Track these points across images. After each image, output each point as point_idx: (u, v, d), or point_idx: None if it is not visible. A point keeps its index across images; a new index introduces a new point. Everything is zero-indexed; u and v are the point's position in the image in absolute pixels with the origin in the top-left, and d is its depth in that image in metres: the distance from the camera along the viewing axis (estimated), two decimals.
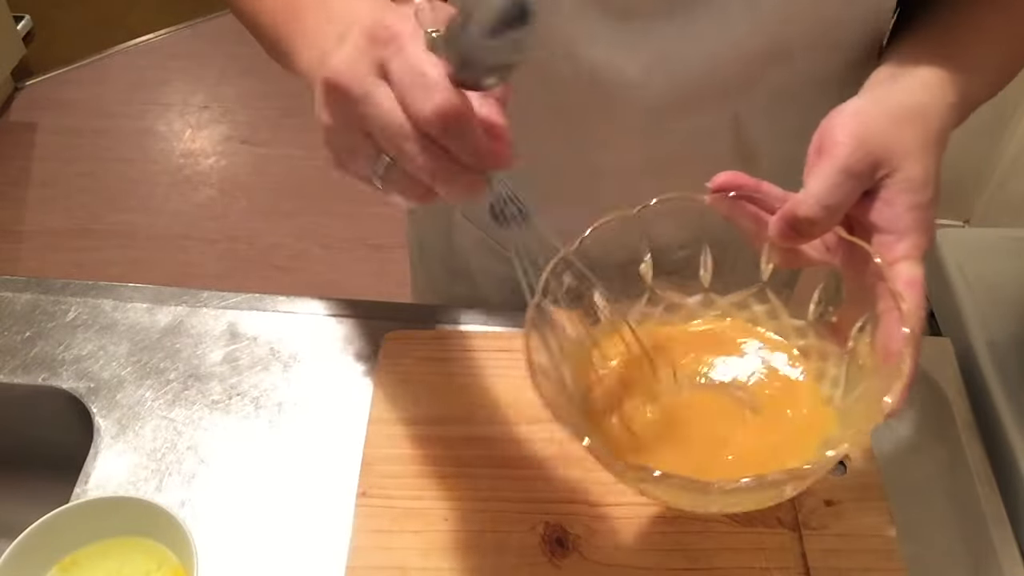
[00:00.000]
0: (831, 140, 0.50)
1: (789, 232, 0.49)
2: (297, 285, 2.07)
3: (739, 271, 0.56)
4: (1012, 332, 0.78)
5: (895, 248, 0.49)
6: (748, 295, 0.57)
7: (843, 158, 0.48)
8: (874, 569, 0.60)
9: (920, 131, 0.51)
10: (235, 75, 2.65)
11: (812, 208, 0.48)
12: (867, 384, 0.50)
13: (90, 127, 2.47)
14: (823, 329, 0.54)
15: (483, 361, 0.71)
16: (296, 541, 0.62)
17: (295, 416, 0.69)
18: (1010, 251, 0.87)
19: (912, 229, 0.49)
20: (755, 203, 0.52)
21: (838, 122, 0.51)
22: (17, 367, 0.72)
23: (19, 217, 2.23)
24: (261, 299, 0.77)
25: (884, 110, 0.51)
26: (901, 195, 0.49)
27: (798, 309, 0.55)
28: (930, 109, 0.53)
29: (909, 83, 0.55)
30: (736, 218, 0.53)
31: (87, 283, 0.78)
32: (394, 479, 0.63)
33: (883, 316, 0.48)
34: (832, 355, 0.53)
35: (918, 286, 0.48)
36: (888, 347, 0.47)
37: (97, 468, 0.65)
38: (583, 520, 0.62)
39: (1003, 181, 1.95)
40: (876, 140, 0.49)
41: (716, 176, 0.52)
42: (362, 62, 0.40)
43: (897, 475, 0.66)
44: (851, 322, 0.51)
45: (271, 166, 2.38)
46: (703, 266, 0.57)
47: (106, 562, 0.59)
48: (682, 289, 0.58)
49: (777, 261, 0.54)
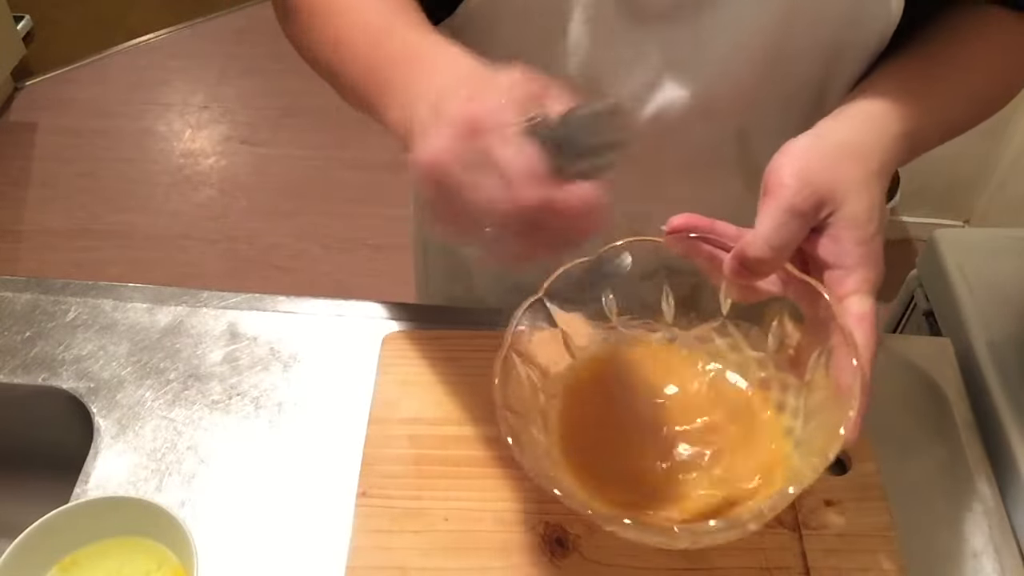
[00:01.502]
0: (776, 180, 0.51)
1: (741, 271, 0.51)
2: (297, 285, 2.07)
3: (701, 307, 0.59)
4: (1012, 332, 0.78)
5: (844, 283, 0.51)
6: (710, 329, 0.59)
7: (788, 198, 0.50)
8: (874, 569, 0.60)
9: (862, 167, 0.52)
10: (235, 75, 2.65)
11: (761, 248, 0.50)
12: (824, 415, 0.52)
13: (90, 127, 2.47)
14: (782, 360, 0.56)
15: (483, 361, 0.71)
16: (296, 541, 0.62)
17: (295, 416, 0.69)
18: (1010, 251, 0.87)
19: (860, 264, 0.51)
20: (710, 243, 0.54)
21: (784, 162, 0.52)
22: (17, 367, 0.72)
23: (19, 217, 2.23)
24: (261, 299, 0.77)
25: (827, 148, 0.53)
26: (846, 231, 0.51)
27: (758, 341, 0.58)
28: (871, 145, 0.54)
29: (855, 117, 0.56)
30: (693, 257, 0.55)
31: (87, 283, 0.78)
32: (394, 479, 0.63)
33: (835, 349, 0.50)
34: (792, 387, 0.56)
35: (868, 320, 0.49)
36: (840, 380, 0.49)
37: (97, 468, 0.65)
38: (583, 520, 0.61)
39: (1003, 181, 1.95)
40: (819, 179, 0.51)
41: (672, 219, 0.54)
42: (462, 151, 0.41)
43: (897, 475, 0.66)
44: (808, 354, 0.53)
45: (271, 166, 2.38)
46: (664, 300, 0.59)
47: (106, 562, 0.59)
48: (646, 326, 0.61)
49: (735, 296, 0.56)
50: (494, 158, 0.41)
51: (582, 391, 0.59)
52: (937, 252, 0.90)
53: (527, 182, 0.40)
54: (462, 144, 0.41)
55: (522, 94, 0.43)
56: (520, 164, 0.40)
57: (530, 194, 0.40)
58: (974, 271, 0.86)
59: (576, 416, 0.58)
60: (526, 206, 0.40)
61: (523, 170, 0.40)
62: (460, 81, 0.45)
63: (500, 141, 0.41)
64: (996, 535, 0.63)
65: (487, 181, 0.41)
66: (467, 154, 0.41)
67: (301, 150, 2.41)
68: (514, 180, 0.40)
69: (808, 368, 0.54)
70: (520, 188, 0.40)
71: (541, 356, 0.57)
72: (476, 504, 0.62)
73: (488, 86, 0.43)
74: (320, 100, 2.58)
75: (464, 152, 0.41)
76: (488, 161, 0.41)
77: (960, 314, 0.82)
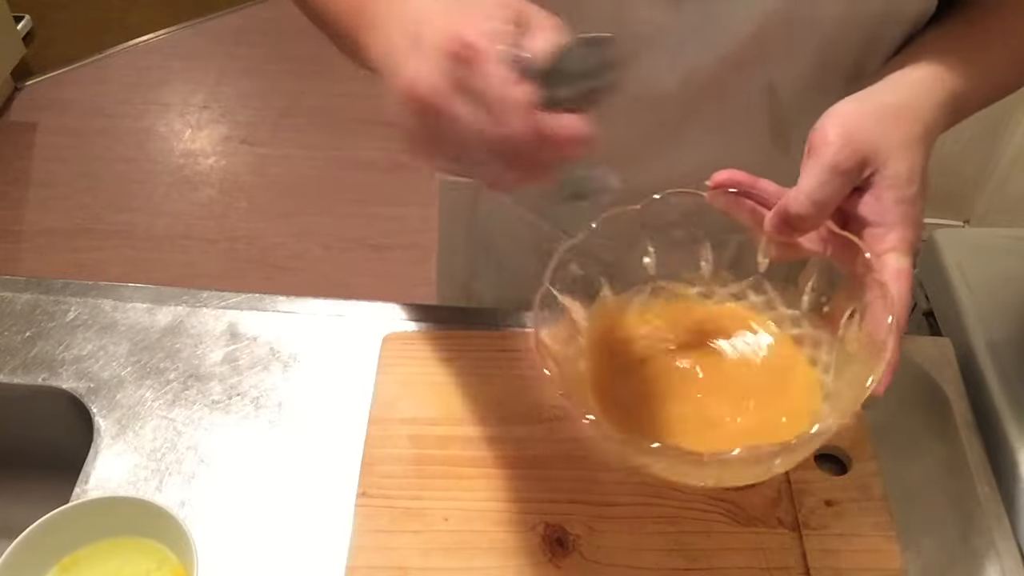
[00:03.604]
0: (821, 139, 0.52)
1: (783, 227, 0.52)
2: (297, 285, 2.07)
3: (738, 264, 0.59)
4: (1012, 332, 0.78)
5: (883, 240, 0.51)
6: (746, 286, 0.60)
7: (831, 156, 0.51)
8: (874, 569, 0.60)
9: (905, 129, 0.53)
10: (235, 75, 2.65)
11: (803, 204, 0.51)
12: (855, 369, 0.52)
13: (90, 127, 2.47)
14: (816, 318, 0.57)
15: (483, 361, 0.71)
16: (296, 541, 0.62)
17: (295, 416, 0.69)
18: (1010, 251, 0.87)
19: (899, 223, 0.52)
20: (752, 199, 0.54)
21: (828, 122, 0.53)
22: (17, 367, 0.72)
23: (19, 217, 2.23)
24: (261, 299, 0.77)
25: (871, 109, 0.54)
26: (888, 191, 0.52)
27: (793, 299, 0.58)
28: (915, 108, 0.55)
29: (900, 81, 0.57)
30: (734, 213, 0.55)
31: (87, 283, 0.78)
32: (394, 479, 0.63)
33: (871, 305, 0.51)
34: (824, 342, 0.56)
35: (904, 277, 0.50)
36: (874, 334, 0.50)
37: (97, 468, 0.65)
38: (583, 520, 0.62)
39: (1003, 181, 1.95)
40: (862, 138, 0.52)
41: (716, 174, 0.54)
42: (442, 77, 0.41)
43: (897, 475, 0.66)
44: (842, 311, 0.54)
45: (271, 166, 2.38)
46: (703, 258, 0.59)
47: (106, 562, 0.59)
48: (684, 280, 0.60)
49: (773, 254, 0.57)
50: (481, 86, 0.40)
51: (612, 340, 0.59)
52: (937, 252, 0.90)
53: (515, 112, 0.40)
54: (447, 68, 0.40)
55: (508, 16, 0.42)
56: (508, 94, 0.40)
57: (517, 125, 0.40)
58: (974, 271, 0.86)
59: (608, 366, 0.58)
60: (513, 136, 0.40)
61: (511, 100, 0.40)
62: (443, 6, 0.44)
63: (487, 68, 0.40)
64: (996, 535, 0.63)
65: (470, 111, 0.40)
66: (452, 79, 0.40)
67: (301, 150, 2.41)
68: (502, 109, 0.40)
69: (841, 324, 0.54)
70: (507, 118, 0.40)
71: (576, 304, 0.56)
72: (476, 504, 0.62)
73: (474, 7, 0.42)
74: (320, 100, 2.57)
75: (449, 77, 0.40)
76: (474, 88, 0.40)
77: (960, 314, 0.82)
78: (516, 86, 0.40)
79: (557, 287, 0.54)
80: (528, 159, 0.41)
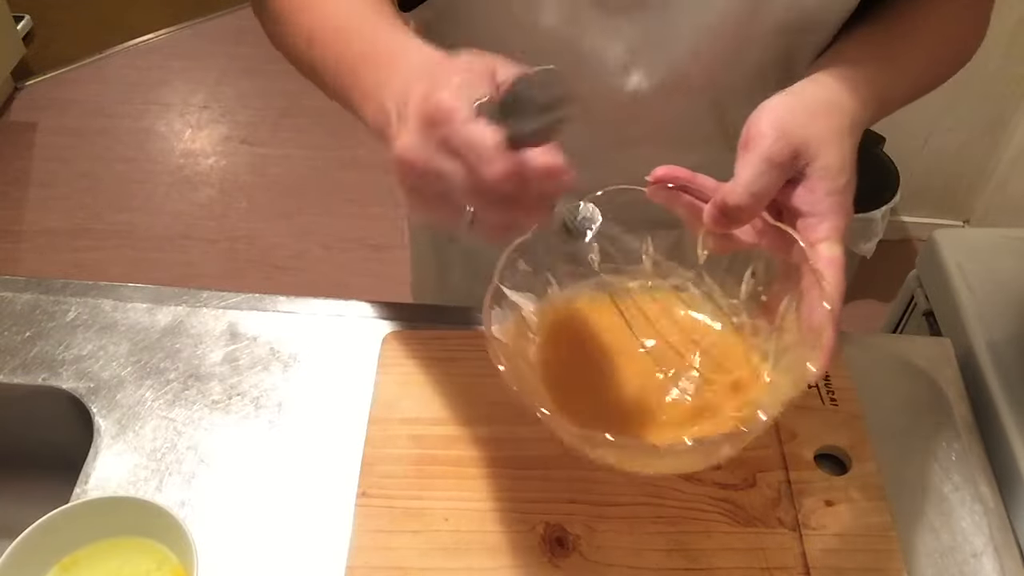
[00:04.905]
0: (756, 132, 0.54)
1: (721, 218, 0.54)
2: (297, 285, 2.07)
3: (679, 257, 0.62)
4: (1012, 332, 0.78)
5: (817, 230, 0.54)
6: (687, 278, 0.62)
7: (767, 148, 0.53)
8: (874, 569, 0.60)
9: (835, 122, 0.56)
10: (235, 75, 2.65)
11: (740, 196, 0.53)
12: (793, 355, 0.55)
13: (90, 127, 2.46)
14: (755, 308, 0.59)
15: (483, 361, 0.71)
16: (296, 541, 0.62)
17: (295, 416, 0.69)
18: (1010, 251, 0.87)
19: (831, 212, 0.54)
20: (691, 194, 0.56)
21: (762, 116, 0.55)
22: (17, 367, 0.72)
23: (19, 217, 2.23)
24: (261, 299, 0.77)
25: (802, 104, 0.56)
26: (820, 182, 0.54)
27: (732, 290, 0.61)
28: (843, 103, 0.58)
29: (827, 79, 0.59)
30: (674, 207, 0.57)
31: (87, 283, 0.78)
32: (394, 479, 0.64)
33: (806, 293, 0.53)
34: (762, 331, 0.59)
35: (837, 264, 0.53)
36: (811, 320, 0.52)
37: (97, 468, 0.65)
38: (583, 520, 0.62)
39: (1003, 181, 1.95)
40: (795, 132, 0.54)
41: (655, 169, 0.57)
42: (427, 144, 0.44)
43: (897, 475, 0.66)
44: (779, 300, 0.56)
45: (271, 166, 2.38)
46: (645, 252, 0.62)
47: (106, 562, 0.59)
48: (627, 274, 0.63)
49: (711, 247, 0.59)
50: (455, 143, 0.43)
51: (562, 333, 0.61)
52: (937, 252, 0.90)
53: (490, 157, 0.43)
54: (425, 137, 0.44)
55: (472, 75, 0.45)
56: (479, 142, 0.43)
57: (495, 167, 0.42)
58: (974, 271, 0.86)
59: (557, 357, 0.59)
60: (494, 179, 0.43)
61: (483, 147, 0.43)
62: (419, 75, 0.48)
63: (458, 126, 0.43)
64: (996, 535, 0.63)
65: (454, 165, 0.44)
66: (431, 145, 0.44)
67: (301, 150, 2.41)
68: (478, 158, 0.43)
69: (779, 313, 0.56)
70: (485, 164, 0.43)
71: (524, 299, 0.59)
72: (476, 504, 0.62)
73: (442, 75, 0.46)
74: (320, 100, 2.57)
75: (428, 144, 0.44)
76: (451, 147, 0.44)
77: (960, 314, 0.82)
78: (485, 131, 0.43)
79: (507, 284, 0.56)
80: (515, 199, 0.44)
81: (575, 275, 0.61)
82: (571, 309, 0.61)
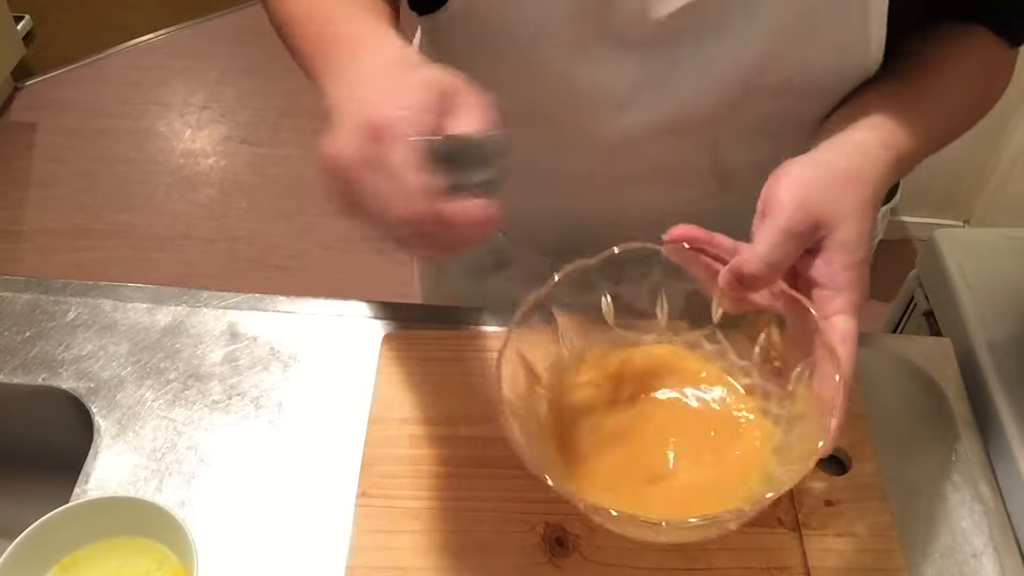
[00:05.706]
0: (776, 202, 0.53)
1: (736, 284, 0.53)
2: (297, 285, 2.06)
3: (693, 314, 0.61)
4: (1012, 332, 0.78)
5: (832, 303, 0.53)
6: (700, 335, 0.61)
7: (786, 219, 0.52)
8: (874, 569, 0.60)
9: (859, 195, 0.55)
10: (235, 75, 2.65)
11: (757, 265, 0.52)
12: (805, 425, 0.54)
13: (90, 127, 2.46)
14: (767, 370, 0.58)
15: (483, 361, 0.71)
16: (296, 541, 0.62)
17: (295, 416, 0.69)
18: (1010, 251, 0.87)
19: (847, 286, 0.53)
20: (707, 254, 0.56)
21: (782, 185, 0.54)
22: (17, 367, 0.72)
23: (19, 217, 2.23)
24: (261, 299, 0.77)
25: (823, 174, 0.55)
26: (838, 255, 0.53)
27: (745, 350, 0.60)
28: (865, 172, 0.56)
29: (848, 146, 0.58)
30: (689, 267, 0.57)
31: (87, 283, 0.78)
32: (394, 479, 0.64)
33: (819, 364, 0.53)
34: (774, 395, 0.58)
35: (851, 339, 0.52)
36: (822, 394, 0.52)
37: (97, 468, 0.65)
38: (583, 520, 0.62)
39: (1003, 181, 1.95)
40: (816, 203, 0.53)
41: (672, 229, 0.56)
42: (353, 151, 0.44)
43: (897, 475, 0.66)
44: (792, 366, 0.56)
45: (271, 166, 2.38)
46: (659, 306, 0.61)
47: (106, 562, 0.59)
48: (640, 329, 0.62)
49: (727, 307, 0.58)
50: (389, 167, 0.43)
51: (574, 390, 0.60)
52: (937, 252, 0.90)
53: (417, 195, 0.43)
54: (363, 147, 0.44)
55: (430, 99, 0.45)
56: (412, 177, 0.43)
57: (419, 207, 0.43)
58: (974, 271, 0.86)
59: (567, 414, 0.59)
60: (413, 219, 0.43)
61: (415, 183, 0.43)
62: (379, 74, 0.47)
63: (397, 151, 0.43)
64: (996, 535, 0.63)
65: (382, 187, 0.43)
66: (363, 156, 0.44)
67: (301, 150, 2.41)
68: (405, 191, 0.43)
69: (791, 379, 0.56)
70: (410, 200, 0.43)
71: (537, 355, 0.58)
72: (476, 504, 0.62)
73: (402, 85, 0.46)
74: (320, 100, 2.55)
75: (363, 155, 0.44)
76: (383, 167, 0.43)
77: (960, 314, 0.82)
78: (417, 173, 0.43)
79: (518, 341, 0.56)
80: (433, 238, 0.44)
81: (587, 329, 0.61)
82: (582, 365, 0.61)
